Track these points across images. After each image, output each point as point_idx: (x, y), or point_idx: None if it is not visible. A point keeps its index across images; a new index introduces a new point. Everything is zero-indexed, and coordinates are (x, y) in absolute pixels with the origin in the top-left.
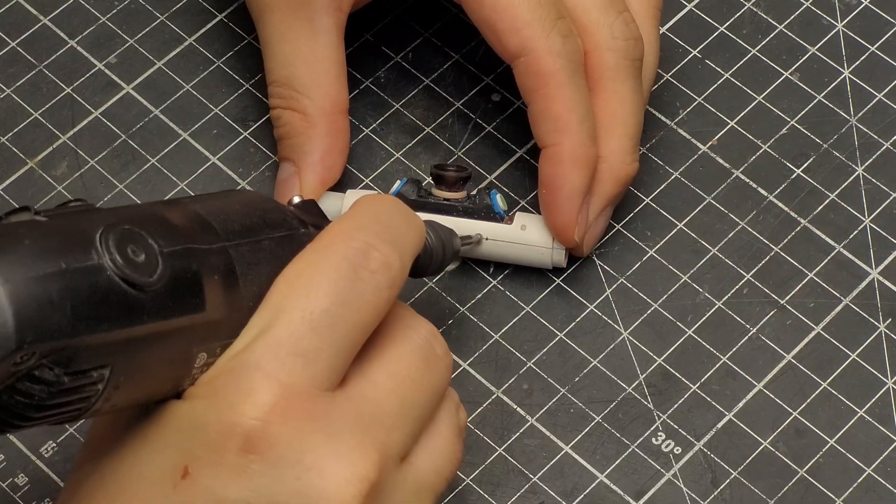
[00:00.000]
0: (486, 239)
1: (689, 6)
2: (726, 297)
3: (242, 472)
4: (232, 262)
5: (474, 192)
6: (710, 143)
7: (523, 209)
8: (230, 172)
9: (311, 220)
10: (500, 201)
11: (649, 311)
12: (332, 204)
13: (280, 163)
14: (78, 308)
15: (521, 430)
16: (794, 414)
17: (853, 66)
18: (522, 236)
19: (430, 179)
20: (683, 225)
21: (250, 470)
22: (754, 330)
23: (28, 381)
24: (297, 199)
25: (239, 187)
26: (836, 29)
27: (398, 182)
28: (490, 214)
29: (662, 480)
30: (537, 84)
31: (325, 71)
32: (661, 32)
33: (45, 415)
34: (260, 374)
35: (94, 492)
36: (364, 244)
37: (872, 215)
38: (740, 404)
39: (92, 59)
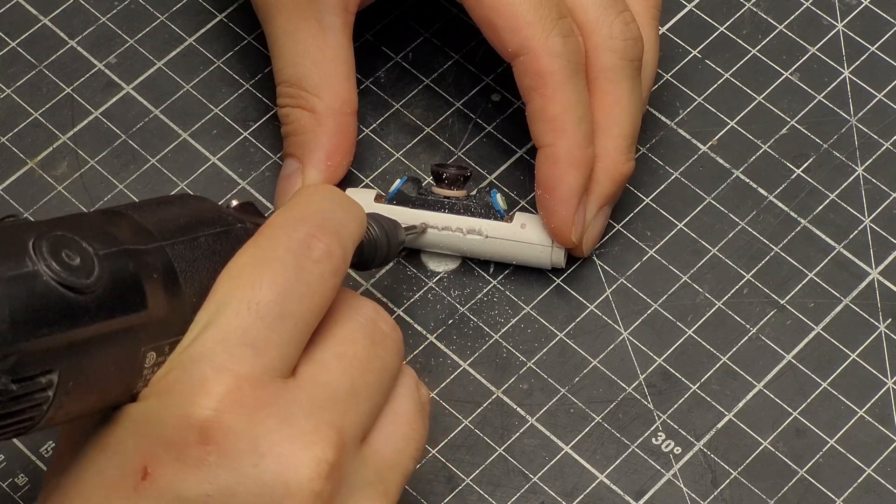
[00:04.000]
0: (486, 237)
1: (689, 6)
2: (726, 297)
3: (200, 465)
4: (170, 261)
5: (474, 192)
6: (710, 143)
7: (523, 209)
8: (230, 172)
9: (250, 219)
10: (500, 201)
11: (649, 311)
12: None
13: (285, 159)
14: (17, 314)
15: (521, 430)
16: (794, 414)
17: (853, 66)
18: (522, 235)
19: (430, 179)
20: (683, 225)
21: (208, 462)
22: (754, 330)
23: None
24: (234, 202)
25: (239, 187)
26: (836, 29)
27: (398, 180)
28: (490, 213)
29: (662, 480)
30: (536, 83)
31: (335, 70)
32: (661, 32)
33: None
34: (210, 365)
35: None
36: (306, 234)
37: (872, 215)
38: (740, 404)
39: (92, 59)
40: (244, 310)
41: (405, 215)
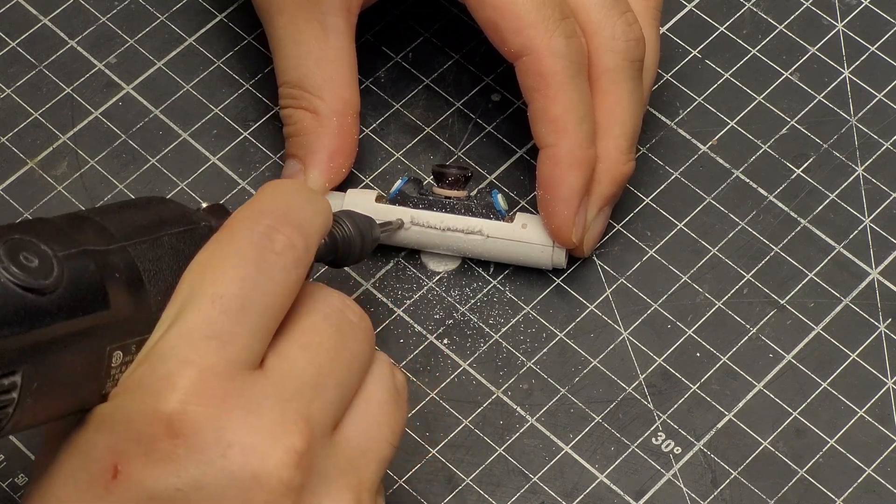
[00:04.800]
0: (487, 237)
1: (689, 6)
2: (726, 297)
3: (169, 460)
4: (132, 260)
5: (474, 193)
6: (710, 143)
7: (523, 209)
8: (230, 172)
9: (216, 219)
10: (501, 201)
11: (649, 311)
12: (333, 204)
13: (286, 160)
14: None
15: (521, 430)
16: (794, 414)
17: (853, 66)
18: (523, 235)
19: (430, 179)
20: (683, 225)
21: (176, 455)
22: (754, 330)
23: None
24: (204, 205)
25: (239, 187)
26: (836, 29)
27: (399, 181)
28: (491, 213)
29: (662, 480)
30: (538, 84)
31: (337, 72)
32: (661, 32)
33: None
34: (175, 359)
35: None
36: (267, 227)
37: (872, 215)
38: (740, 404)
39: (92, 59)
40: (207, 304)
41: (406, 215)
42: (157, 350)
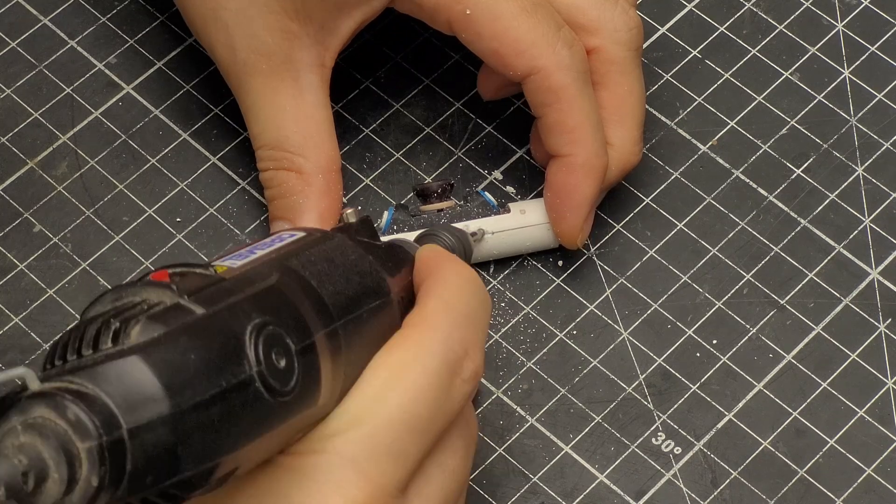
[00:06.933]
0: (492, 234)
1: (689, 6)
2: (726, 297)
3: None
4: (340, 343)
5: (461, 202)
6: (710, 143)
7: (510, 200)
8: (230, 172)
9: (390, 262)
10: (491, 197)
11: (649, 311)
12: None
13: (271, 222)
14: (232, 429)
15: (521, 430)
16: (794, 414)
17: (853, 66)
18: (525, 220)
19: (411, 198)
20: (683, 225)
21: None
22: (754, 330)
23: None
24: (352, 218)
25: (239, 187)
26: (836, 29)
27: (386, 213)
28: (487, 211)
29: (662, 480)
30: (550, 99)
31: (316, 129)
32: (661, 32)
33: None
34: (354, 468)
35: None
36: (462, 349)
37: (872, 215)
38: (740, 404)
39: (92, 60)
40: (398, 418)
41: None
42: (337, 447)
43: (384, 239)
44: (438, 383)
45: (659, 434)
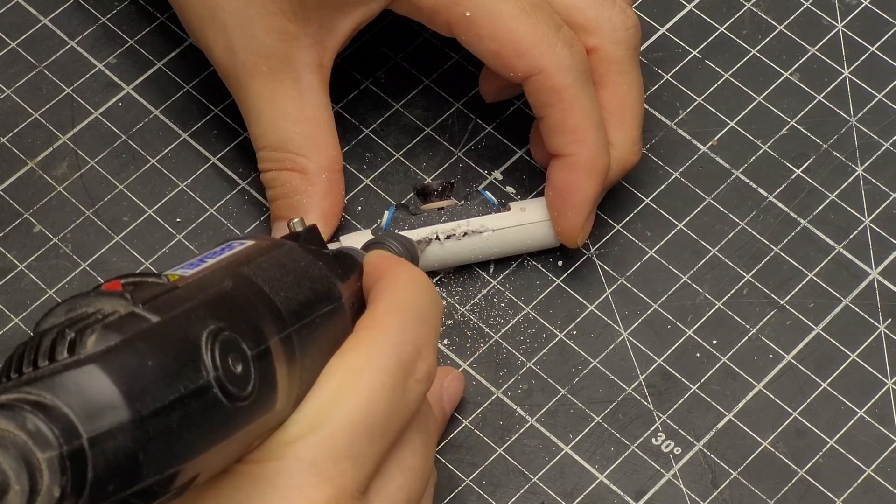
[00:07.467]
0: (493, 231)
1: (689, 6)
2: (726, 297)
3: None
4: (294, 348)
5: (461, 202)
6: (710, 143)
7: (511, 200)
8: (230, 172)
9: (339, 269)
10: (491, 196)
11: (649, 311)
12: (356, 241)
13: (273, 222)
14: (192, 435)
15: (521, 431)
16: (794, 414)
17: (853, 66)
18: (526, 217)
19: (412, 197)
20: (683, 225)
21: None
22: (754, 330)
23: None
24: (299, 227)
25: (239, 187)
26: (836, 29)
27: (386, 213)
28: (487, 210)
29: (662, 481)
30: (552, 99)
31: (317, 129)
32: (661, 33)
33: None
34: (314, 471)
35: None
36: (415, 349)
37: (872, 215)
38: (740, 404)
39: (92, 60)
40: (356, 420)
41: (422, 233)
42: (297, 453)
43: (331, 247)
44: (393, 384)
45: (659, 434)
